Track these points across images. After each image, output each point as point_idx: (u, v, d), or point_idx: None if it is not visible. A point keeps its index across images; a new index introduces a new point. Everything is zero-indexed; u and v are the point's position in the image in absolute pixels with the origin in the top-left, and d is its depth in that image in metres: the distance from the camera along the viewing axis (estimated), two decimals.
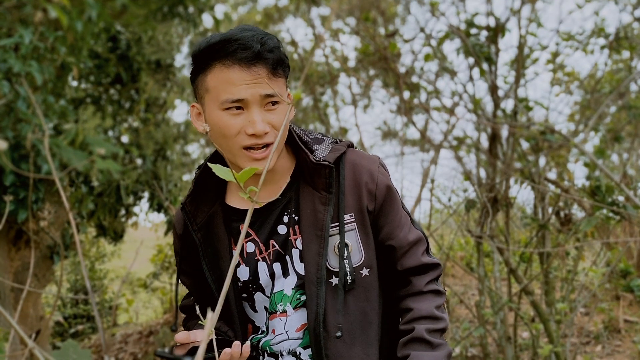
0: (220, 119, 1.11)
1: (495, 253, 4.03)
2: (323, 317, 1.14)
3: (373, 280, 1.19)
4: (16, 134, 2.80)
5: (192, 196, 1.23)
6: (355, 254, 1.17)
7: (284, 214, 1.20)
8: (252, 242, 1.21)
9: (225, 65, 1.09)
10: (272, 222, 1.20)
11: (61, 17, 2.51)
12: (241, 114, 1.10)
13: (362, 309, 1.17)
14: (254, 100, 1.09)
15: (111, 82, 5.51)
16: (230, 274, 0.58)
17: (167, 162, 6.06)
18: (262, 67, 1.08)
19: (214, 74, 1.10)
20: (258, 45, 1.07)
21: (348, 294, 1.16)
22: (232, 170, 0.62)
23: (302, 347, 1.18)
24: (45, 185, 3.32)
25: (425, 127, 5.17)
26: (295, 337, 1.19)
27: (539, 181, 3.54)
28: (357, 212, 1.18)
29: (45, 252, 4.05)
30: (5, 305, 3.13)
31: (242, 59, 1.07)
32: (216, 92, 1.10)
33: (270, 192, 1.22)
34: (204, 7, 4.80)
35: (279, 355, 1.20)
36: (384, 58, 3.91)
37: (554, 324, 3.53)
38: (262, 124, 1.09)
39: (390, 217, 1.21)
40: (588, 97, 4.34)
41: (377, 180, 1.19)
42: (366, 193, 1.19)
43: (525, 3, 3.62)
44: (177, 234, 1.28)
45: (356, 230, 1.17)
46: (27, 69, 2.61)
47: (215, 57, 1.10)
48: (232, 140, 1.11)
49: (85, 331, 7.06)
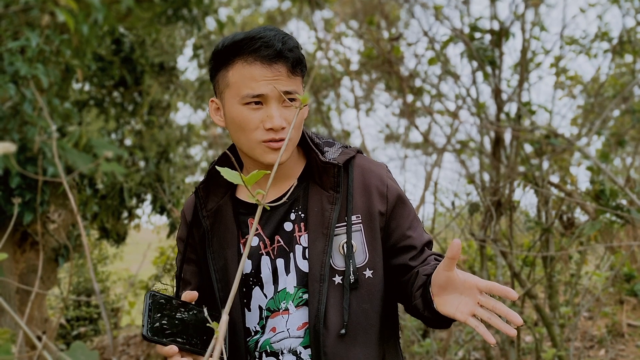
0: (240, 113, 1.15)
1: (498, 257, 4.03)
2: (324, 315, 1.14)
3: (377, 283, 1.20)
4: (22, 137, 2.81)
5: (206, 184, 1.27)
6: (359, 254, 1.18)
7: (291, 211, 1.23)
8: (257, 236, 1.23)
9: (247, 62, 1.14)
10: (278, 218, 1.22)
11: (69, 21, 2.52)
12: (260, 109, 1.14)
13: (364, 310, 1.18)
14: (273, 96, 1.13)
15: (114, 84, 5.52)
16: (241, 269, 0.59)
17: (169, 164, 6.07)
18: (283, 65, 1.13)
19: (235, 70, 1.15)
20: (280, 44, 1.12)
21: (351, 294, 1.17)
22: (241, 174, 0.65)
23: (303, 346, 1.19)
24: (50, 187, 3.33)
25: (428, 131, 5.17)
26: (296, 335, 1.19)
27: (542, 185, 3.54)
28: (364, 214, 1.20)
29: (50, 255, 4.05)
30: (10, 307, 3.13)
31: (264, 56, 1.12)
32: (237, 87, 1.15)
33: (279, 190, 1.25)
34: (208, 10, 4.82)
35: (279, 354, 1.20)
36: (388, 61, 3.92)
37: (557, 328, 3.52)
38: (279, 119, 1.13)
39: (403, 219, 1.23)
40: (591, 101, 4.34)
41: (387, 184, 1.23)
42: (377, 196, 1.21)
43: (529, 7, 3.63)
44: (186, 220, 1.32)
45: (362, 231, 1.19)
46: (33, 71, 2.63)
47: (238, 53, 1.14)
48: (251, 134, 1.15)
49: (87, 333, 7.06)
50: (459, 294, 1.01)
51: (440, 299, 1.03)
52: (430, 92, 4.32)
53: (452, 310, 1.01)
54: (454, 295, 1.02)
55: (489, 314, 0.98)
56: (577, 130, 4.26)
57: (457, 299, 1.01)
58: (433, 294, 1.05)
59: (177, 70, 5.85)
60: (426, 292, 1.07)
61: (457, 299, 1.01)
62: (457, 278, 1.00)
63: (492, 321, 0.98)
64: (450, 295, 1.02)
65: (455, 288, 1.01)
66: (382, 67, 4.36)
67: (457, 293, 1.01)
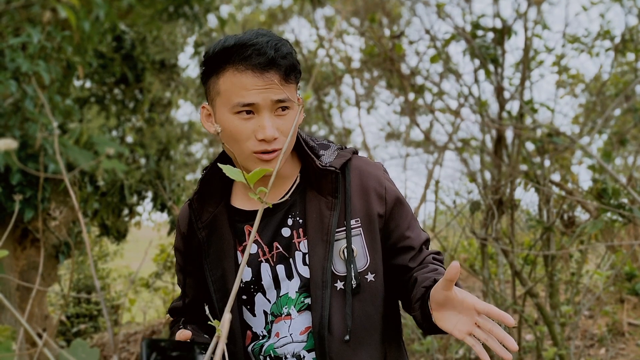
0: (231, 123, 1.12)
1: (499, 255, 4.03)
2: (328, 320, 1.14)
3: (379, 285, 1.20)
4: (23, 133, 2.81)
5: (199, 194, 1.24)
6: (360, 258, 1.18)
7: (288, 217, 1.21)
8: (255, 244, 1.21)
9: (238, 70, 1.09)
10: (275, 224, 1.21)
11: (71, 17, 2.51)
12: (252, 119, 1.11)
13: (367, 313, 1.18)
14: (265, 105, 1.10)
15: (115, 81, 5.52)
16: (240, 274, 0.58)
17: (170, 161, 6.07)
18: (275, 73, 1.09)
19: (226, 78, 1.11)
20: (272, 51, 1.08)
21: (354, 298, 1.16)
22: (243, 171, 0.64)
23: (306, 350, 1.18)
24: (51, 184, 3.33)
25: (429, 129, 5.17)
26: (299, 340, 1.19)
27: (543, 183, 3.53)
28: (363, 217, 1.19)
29: (51, 252, 4.05)
30: (10, 304, 3.13)
31: (255, 64, 1.08)
32: (227, 96, 1.11)
33: (275, 195, 1.22)
34: (209, 7, 4.81)
35: (282, 358, 1.19)
36: (389, 59, 3.91)
37: (558, 327, 3.52)
38: (271, 130, 1.10)
39: (402, 220, 1.22)
40: (593, 99, 4.33)
41: (385, 186, 1.22)
42: (375, 198, 1.20)
43: (532, 5, 3.62)
44: (182, 232, 1.29)
45: (362, 235, 1.18)
46: (34, 68, 2.62)
47: (228, 60, 1.10)
48: (243, 145, 1.12)
49: (87, 330, 7.06)
50: (457, 313, 1.02)
51: (438, 314, 1.04)
52: (431, 90, 4.31)
53: (450, 327, 1.02)
54: (452, 313, 1.02)
55: (486, 335, 0.99)
56: (579, 128, 4.26)
57: (455, 316, 1.02)
58: (432, 309, 1.05)
59: (178, 67, 5.85)
60: (425, 306, 1.08)
61: (455, 316, 1.02)
62: (456, 298, 1.00)
63: (489, 343, 0.99)
64: (449, 312, 1.03)
65: (453, 307, 1.02)
66: (384, 65, 4.35)
67: (455, 311, 1.02)
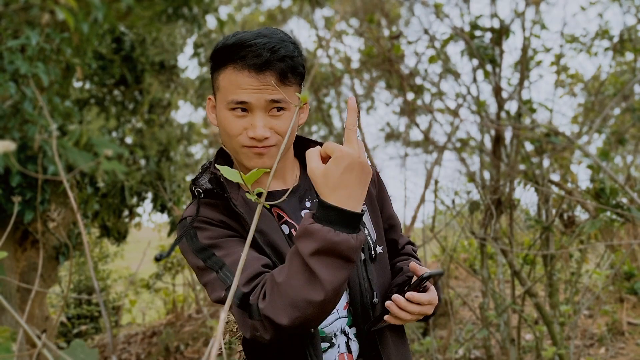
0: (226, 118, 1.15)
1: (499, 255, 4.04)
2: (367, 288, 1.20)
3: (386, 257, 1.28)
4: (22, 135, 2.81)
5: (216, 178, 1.19)
6: (369, 232, 1.25)
7: (305, 200, 1.24)
8: (287, 225, 1.21)
9: (236, 69, 1.13)
10: (295, 207, 1.24)
11: (69, 19, 2.52)
12: (246, 116, 1.14)
13: (383, 282, 1.25)
14: (258, 105, 1.12)
15: (115, 83, 5.53)
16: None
17: (170, 163, 6.08)
18: (271, 74, 1.11)
19: (225, 74, 1.15)
20: (268, 53, 1.10)
21: (373, 267, 1.23)
22: (240, 172, 0.65)
23: (348, 325, 1.21)
24: (51, 186, 3.33)
25: (428, 129, 5.17)
26: (343, 315, 1.21)
27: (542, 183, 3.54)
28: (367, 197, 1.26)
29: (51, 253, 4.06)
30: (10, 305, 3.14)
31: (251, 65, 1.11)
32: (225, 92, 1.15)
33: (283, 183, 1.25)
34: (208, 9, 4.82)
35: (332, 337, 1.19)
36: (388, 60, 3.91)
37: (557, 326, 3.52)
38: (262, 129, 1.12)
39: (386, 200, 1.35)
40: (592, 99, 4.34)
41: (373, 168, 1.27)
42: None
43: (530, 5, 3.62)
44: (211, 221, 1.18)
45: (367, 212, 1.26)
46: (33, 70, 2.62)
47: (228, 58, 1.14)
48: (234, 139, 1.15)
49: (88, 331, 7.07)
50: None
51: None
52: (430, 91, 4.31)
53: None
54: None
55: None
56: (578, 128, 4.26)
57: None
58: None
59: (178, 68, 5.86)
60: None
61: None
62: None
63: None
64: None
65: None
66: (383, 66, 4.36)
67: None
